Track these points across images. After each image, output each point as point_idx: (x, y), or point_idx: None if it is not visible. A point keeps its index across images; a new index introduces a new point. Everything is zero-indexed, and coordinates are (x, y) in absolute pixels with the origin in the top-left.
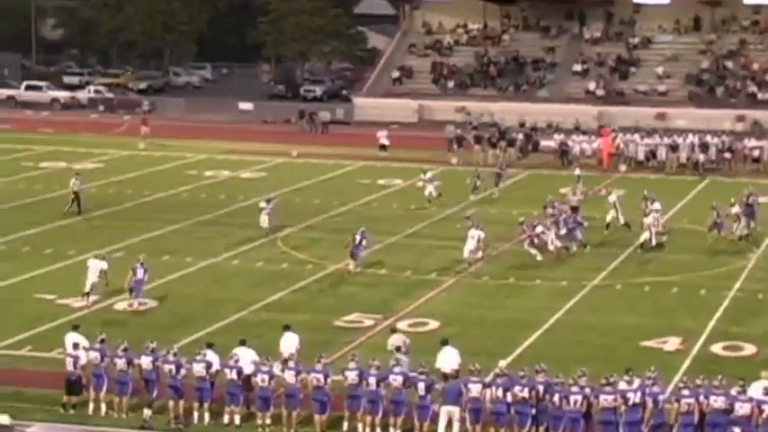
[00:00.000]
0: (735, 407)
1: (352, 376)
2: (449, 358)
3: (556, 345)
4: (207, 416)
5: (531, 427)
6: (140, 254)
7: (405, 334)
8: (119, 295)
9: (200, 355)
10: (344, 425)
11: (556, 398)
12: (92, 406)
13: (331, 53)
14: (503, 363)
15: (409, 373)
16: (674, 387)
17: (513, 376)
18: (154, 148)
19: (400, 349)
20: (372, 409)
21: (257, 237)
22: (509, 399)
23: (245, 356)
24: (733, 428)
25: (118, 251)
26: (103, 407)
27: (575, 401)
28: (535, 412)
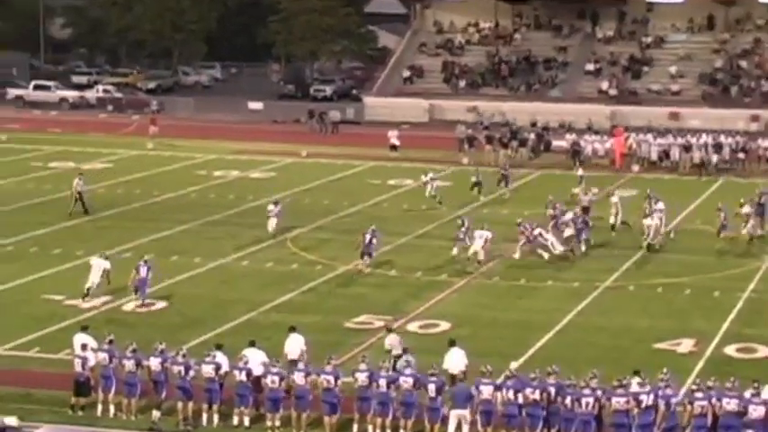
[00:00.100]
0: (748, 410)
1: (362, 378)
2: (456, 359)
3: (568, 346)
4: (216, 417)
5: (542, 429)
6: (149, 254)
7: (399, 335)
8: (120, 294)
9: (209, 357)
10: (354, 427)
11: (568, 400)
12: (100, 407)
13: (341, 52)
14: (514, 364)
15: (420, 375)
16: (686, 389)
17: (524, 378)
18: (163, 147)
19: (408, 351)
20: (382, 411)
21: (266, 237)
22: (520, 400)
23: (254, 358)
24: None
25: (126, 251)
26: (112, 408)
27: (586, 404)
28: (546, 414)
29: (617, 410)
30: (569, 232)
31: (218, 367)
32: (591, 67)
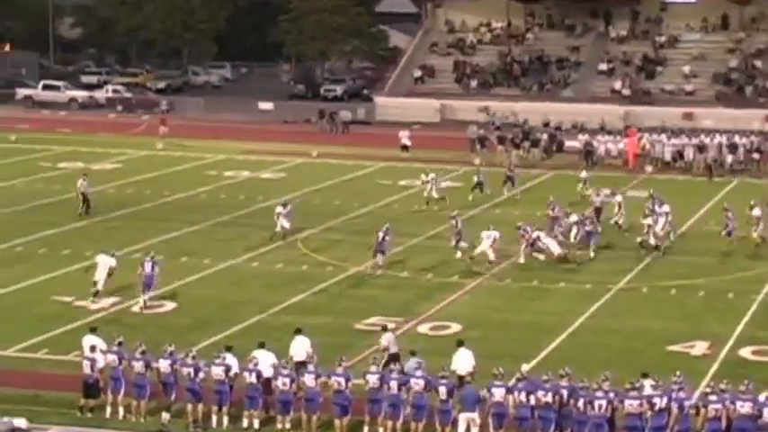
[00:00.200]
0: (763, 413)
1: (373, 380)
2: (464, 360)
3: (580, 348)
4: (225, 420)
5: None
6: (155, 252)
7: (394, 334)
8: (129, 295)
9: (219, 359)
10: (365, 429)
11: (580, 403)
12: (109, 409)
13: (352, 52)
14: (526, 366)
15: (431, 377)
16: (700, 392)
17: (536, 380)
18: (172, 148)
19: (415, 353)
20: (393, 414)
21: (276, 238)
22: (532, 403)
23: (264, 359)
24: None
25: (136, 252)
26: (121, 410)
27: (599, 406)
28: (558, 417)
29: (630, 413)
30: (576, 232)
31: (227, 369)
32: (604, 66)
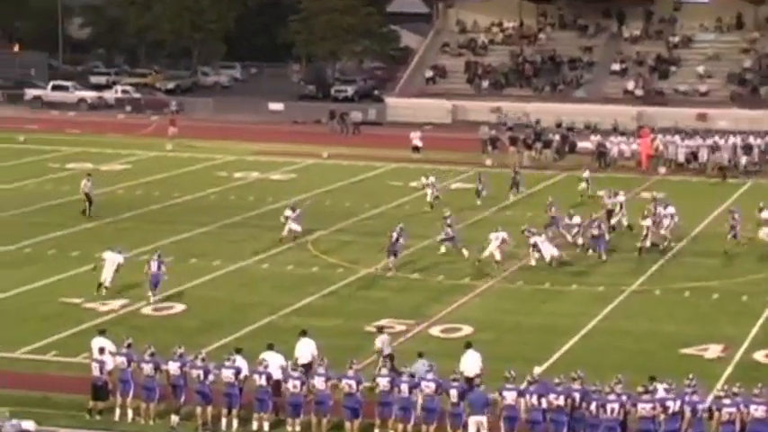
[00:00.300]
0: None
1: (383, 383)
2: (472, 362)
3: (593, 351)
4: (235, 422)
5: None
6: (160, 252)
7: (389, 336)
8: (138, 297)
9: (228, 361)
10: None
11: (593, 406)
12: (118, 412)
13: (363, 52)
14: (538, 369)
15: (442, 380)
16: (713, 396)
17: (548, 383)
18: (182, 149)
19: (422, 354)
20: (404, 417)
21: (285, 240)
22: (544, 406)
23: (273, 361)
24: None
25: (145, 254)
26: (130, 413)
27: (611, 410)
28: (571, 420)
29: (643, 417)
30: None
31: (238, 371)
32: (617, 67)
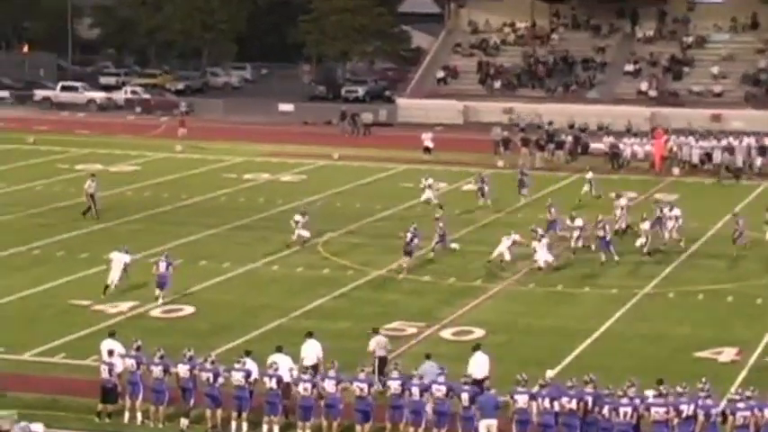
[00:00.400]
0: None
1: (394, 386)
2: (480, 364)
3: (605, 355)
4: (245, 425)
5: None
6: (177, 260)
7: (386, 338)
8: (148, 299)
9: (239, 364)
10: None
11: (605, 410)
12: (127, 415)
13: (374, 53)
14: (550, 372)
15: (453, 383)
16: (727, 400)
17: (561, 387)
18: (191, 150)
19: (430, 356)
20: (415, 420)
21: (294, 244)
22: (556, 409)
23: (282, 363)
24: None
25: (153, 256)
26: (139, 416)
27: (624, 413)
28: (583, 424)
29: (656, 421)
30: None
31: (248, 374)
32: (630, 67)
